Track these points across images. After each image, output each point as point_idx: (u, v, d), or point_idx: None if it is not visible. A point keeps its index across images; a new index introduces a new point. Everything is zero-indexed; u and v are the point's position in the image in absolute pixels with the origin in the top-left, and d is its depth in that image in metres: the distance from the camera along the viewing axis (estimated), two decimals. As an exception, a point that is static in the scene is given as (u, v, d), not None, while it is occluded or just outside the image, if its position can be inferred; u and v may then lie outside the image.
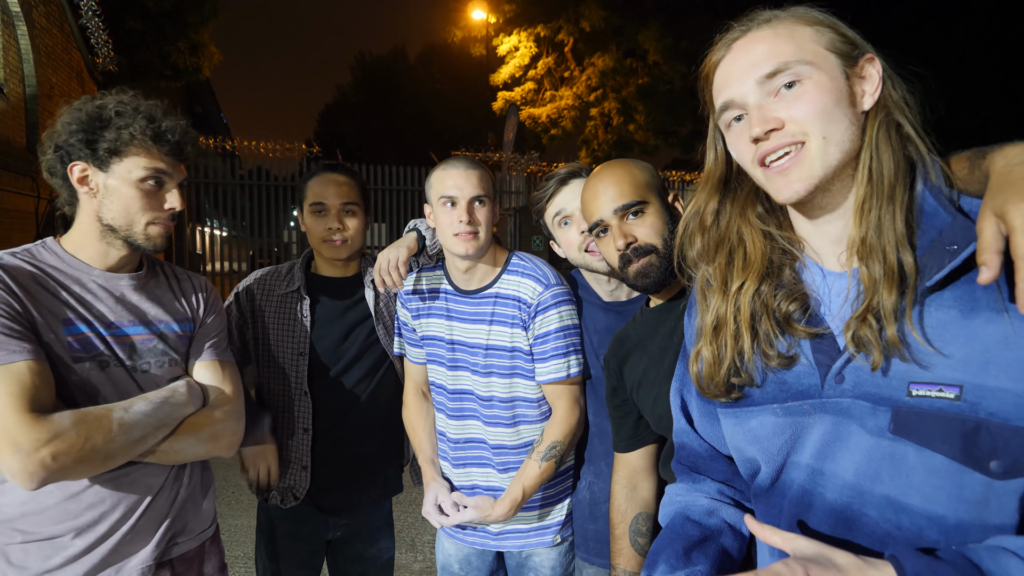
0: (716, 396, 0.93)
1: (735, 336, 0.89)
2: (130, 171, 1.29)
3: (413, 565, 3.39)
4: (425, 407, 1.88)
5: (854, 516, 0.78)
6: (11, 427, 1.11)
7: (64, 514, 1.26)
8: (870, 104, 0.82)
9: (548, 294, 1.64)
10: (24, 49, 8.88)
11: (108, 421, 1.19)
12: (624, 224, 1.36)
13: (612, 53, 17.08)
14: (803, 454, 0.84)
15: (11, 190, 8.30)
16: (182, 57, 13.67)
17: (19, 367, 1.14)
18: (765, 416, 0.88)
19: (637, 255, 1.34)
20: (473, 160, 1.66)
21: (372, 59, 30.68)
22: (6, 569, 1.26)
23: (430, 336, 1.77)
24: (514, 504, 1.62)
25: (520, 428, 1.70)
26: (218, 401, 1.42)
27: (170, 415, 1.31)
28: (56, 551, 1.26)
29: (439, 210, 1.64)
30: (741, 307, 0.89)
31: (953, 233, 0.72)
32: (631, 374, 1.45)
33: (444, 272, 1.78)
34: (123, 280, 1.37)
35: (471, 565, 1.80)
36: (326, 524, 1.90)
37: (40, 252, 1.32)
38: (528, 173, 12.29)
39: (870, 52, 0.82)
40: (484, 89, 18.62)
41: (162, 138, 1.29)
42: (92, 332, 1.28)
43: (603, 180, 1.39)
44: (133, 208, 1.30)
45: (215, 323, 1.53)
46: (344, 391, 1.87)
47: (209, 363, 1.46)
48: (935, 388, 0.71)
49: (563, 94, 17.74)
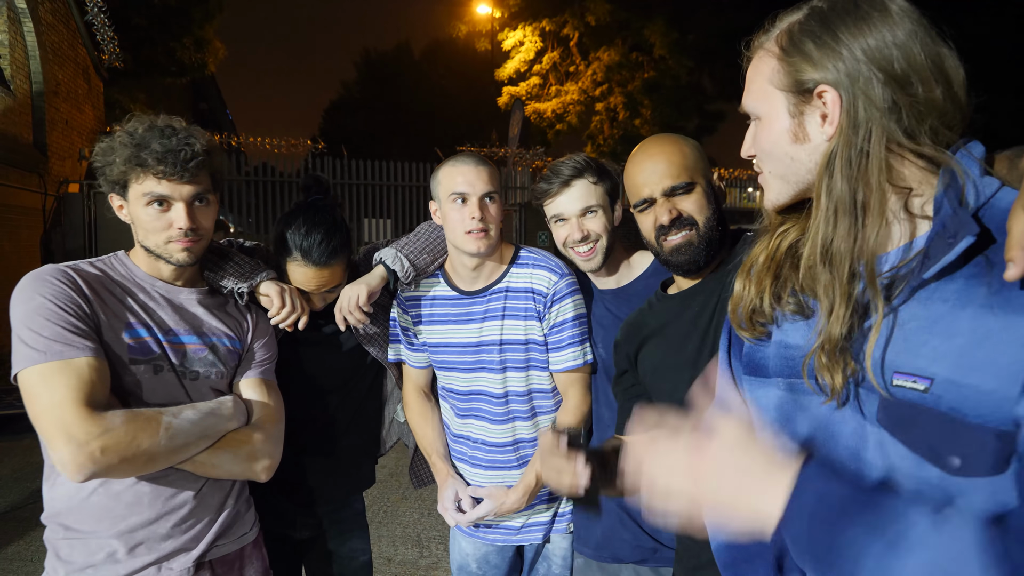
0: (741, 327, 0.95)
1: (761, 275, 0.92)
2: (136, 197, 1.36)
3: (420, 561, 3.39)
4: (429, 406, 1.87)
5: None
6: (68, 418, 1.16)
7: (105, 512, 1.31)
8: (830, 132, 0.80)
9: (563, 283, 1.65)
10: (31, 46, 8.91)
11: (157, 424, 1.24)
12: (670, 200, 1.37)
13: (618, 47, 17.01)
14: (796, 433, 0.84)
15: (19, 187, 8.33)
16: (187, 53, 13.71)
17: (80, 363, 1.21)
18: (769, 388, 0.89)
19: (677, 226, 1.35)
20: (481, 156, 1.65)
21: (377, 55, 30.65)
22: (55, 563, 1.34)
23: (437, 343, 1.75)
24: (527, 490, 1.62)
25: (539, 419, 1.71)
26: (260, 422, 1.47)
27: (214, 427, 1.35)
28: (99, 548, 1.31)
29: (448, 207, 1.61)
30: (779, 249, 0.91)
31: (954, 225, 0.71)
32: (647, 360, 1.45)
33: (443, 277, 1.76)
34: (183, 293, 1.46)
35: (489, 563, 1.80)
36: (295, 523, 1.83)
37: (112, 263, 1.43)
38: (533, 168, 12.25)
39: (823, 86, 0.79)
40: (489, 84, 18.58)
41: (145, 163, 1.31)
42: (150, 336, 1.36)
43: (654, 157, 1.39)
44: (149, 230, 1.36)
45: (265, 345, 1.58)
46: (321, 390, 1.81)
47: (256, 381, 1.52)
48: (911, 379, 0.71)
49: (568, 89, 17.68)
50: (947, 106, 0.76)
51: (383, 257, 1.70)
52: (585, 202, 1.62)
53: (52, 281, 1.26)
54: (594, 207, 1.62)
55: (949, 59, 0.77)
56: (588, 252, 1.63)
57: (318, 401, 1.79)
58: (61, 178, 9.30)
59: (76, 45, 10.43)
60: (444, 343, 1.74)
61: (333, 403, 1.81)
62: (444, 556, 3.40)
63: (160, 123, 1.37)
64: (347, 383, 1.84)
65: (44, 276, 1.27)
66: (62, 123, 9.85)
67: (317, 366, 1.78)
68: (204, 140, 1.38)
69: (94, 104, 11.34)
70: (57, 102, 9.64)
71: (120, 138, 1.35)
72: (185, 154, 1.33)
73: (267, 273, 1.59)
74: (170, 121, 1.39)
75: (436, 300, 1.75)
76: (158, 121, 1.38)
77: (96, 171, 1.40)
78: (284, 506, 1.79)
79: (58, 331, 1.21)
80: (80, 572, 1.31)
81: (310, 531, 1.87)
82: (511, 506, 1.63)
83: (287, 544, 1.85)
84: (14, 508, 4.04)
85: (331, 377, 1.81)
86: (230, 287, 1.53)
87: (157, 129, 1.35)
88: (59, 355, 1.19)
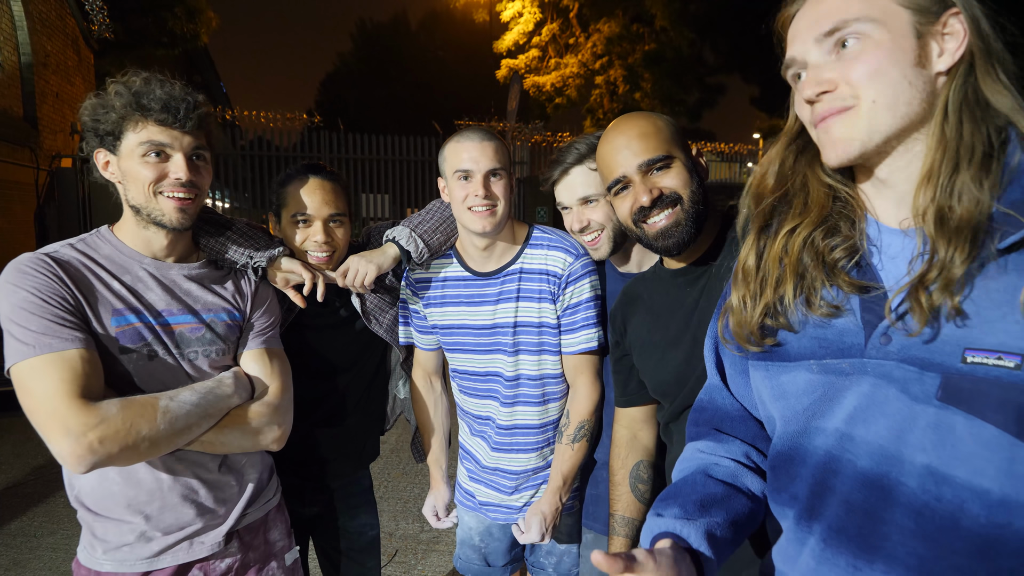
0: (748, 341, 0.90)
1: (778, 280, 0.87)
2: (131, 148, 1.30)
3: (420, 536, 3.41)
4: (433, 398, 1.86)
5: (890, 485, 0.74)
6: (62, 411, 1.14)
7: (128, 500, 1.31)
8: (947, 64, 0.76)
9: (579, 264, 1.61)
10: (17, 16, 8.70)
11: (153, 409, 1.22)
12: (648, 178, 1.26)
13: (618, 19, 16.71)
14: (832, 418, 0.80)
15: (10, 161, 8.22)
16: (179, 23, 13.42)
17: (71, 355, 1.18)
18: (799, 372, 0.85)
19: (660, 205, 1.24)
20: (488, 131, 1.59)
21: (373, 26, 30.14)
22: (91, 539, 1.35)
23: (450, 325, 1.72)
24: (557, 492, 1.61)
25: (549, 406, 1.68)
26: (264, 394, 1.43)
27: (215, 405, 1.32)
28: (130, 531, 1.33)
29: (454, 184, 1.57)
30: (791, 250, 0.86)
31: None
32: (636, 332, 1.41)
33: (456, 257, 1.72)
34: (174, 269, 1.40)
35: (492, 536, 1.81)
36: (304, 500, 1.84)
37: (95, 242, 1.36)
38: (532, 143, 12.12)
39: (956, 6, 0.76)
40: (487, 57, 18.29)
41: (148, 108, 1.27)
42: (141, 322, 1.31)
43: (625, 133, 1.28)
44: (141, 182, 1.30)
45: (267, 311, 1.53)
46: (334, 370, 1.80)
47: (258, 352, 1.47)
48: (993, 355, 0.68)
49: (568, 61, 17.41)
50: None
51: (396, 236, 1.65)
52: (584, 191, 1.57)
53: (32, 272, 1.22)
54: (594, 196, 1.56)
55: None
56: (592, 242, 1.60)
57: (330, 381, 1.78)
58: (53, 152, 9.18)
59: (64, 15, 10.20)
60: (457, 325, 1.70)
61: (344, 382, 1.80)
62: (444, 531, 3.43)
63: (159, 77, 1.33)
64: (357, 363, 1.82)
65: (23, 267, 1.23)
66: (52, 96, 9.68)
67: (331, 347, 1.77)
68: (203, 100, 1.35)
69: (84, 76, 11.13)
70: (47, 74, 9.46)
71: (115, 88, 1.30)
72: (188, 104, 1.30)
73: (283, 248, 1.57)
74: (167, 78, 1.34)
75: (448, 281, 1.71)
76: (155, 76, 1.33)
77: (84, 129, 1.33)
78: (294, 482, 1.79)
79: (45, 324, 1.18)
80: (116, 550, 1.33)
81: (319, 507, 1.88)
82: (548, 515, 1.60)
83: (296, 520, 1.85)
84: (16, 484, 4.06)
85: (343, 357, 1.79)
86: (243, 260, 1.48)
87: (156, 80, 1.31)
88: (49, 348, 1.17)
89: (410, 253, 1.63)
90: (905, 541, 0.73)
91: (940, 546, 0.71)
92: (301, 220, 1.61)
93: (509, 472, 1.72)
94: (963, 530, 0.69)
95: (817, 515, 0.81)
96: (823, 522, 0.80)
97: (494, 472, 1.74)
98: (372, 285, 1.64)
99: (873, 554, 0.75)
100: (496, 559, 1.82)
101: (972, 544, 0.69)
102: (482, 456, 1.77)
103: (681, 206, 1.24)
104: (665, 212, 1.24)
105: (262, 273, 1.53)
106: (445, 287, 1.71)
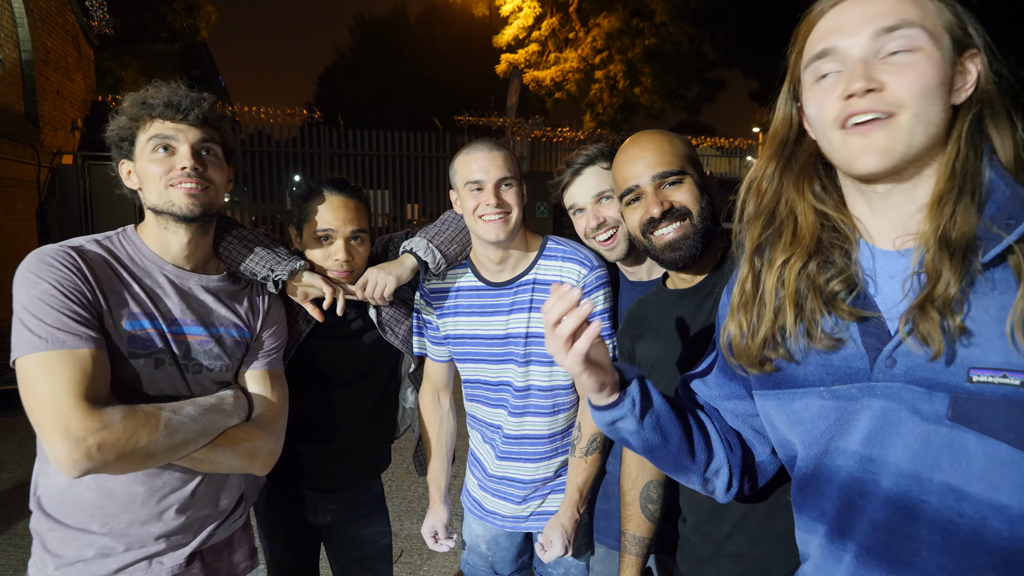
0: (748, 367, 0.92)
1: (776, 312, 0.88)
2: (142, 147, 1.34)
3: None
4: (439, 416, 1.88)
5: (913, 504, 0.76)
6: (66, 412, 1.12)
7: (97, 510, 1.27)
8: (962, 98, 0.78)
9: (593, 276, 1.63)
10: (18, 13, 8.66)
11: (156, 421, 1.19)
12: (660, 191, 1.31)
13: (618, 13, 16.62)
14: (850, 440, 0.82)
15: (11, 159, 8.20)
16: (178, 18, 13.35)
17: (83, 354, 1.16)
18: (810, 399, 0.86)
19: (669, 218, 1.29)
20: (496, 142, 1.63)
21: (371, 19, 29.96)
22: (43, 555, 1.29)
23: (462, 335, 1.74)
24: (574, 505, 1.63)
25: (558, 416, 1.70)
26: (261, 417, 1.43)
27: (215, 424, 1.31)
28: (89, 544, 1.28)
29: (466, 196, 1.60)
30: (787, 282, 0.87)
31: (1012, 207, 0.70)
32: (645, 355, 1.44)
33: (470, 267, 1.74)
34: (192, 279, 1.40)
35: (499, 544, 1.82)
36: (316, 509, 1.84)
37: (119, 241, 1.37)
38: (532, 138, 12.11)
39: (975, 47, 0.78)
40: (487, 51, 18.19)
41: (153, 106, 1.32)
42: (154, 328, 1.30)
43: (641, 146, 1.35)
44: (152, 177, 1.32)
45: (276, 332, 1.54)
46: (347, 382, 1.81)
47: (261, 373, 1.47)
48: (998, 374, 0.69)
49: (568, 56, 17.33)
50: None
51: (414, 247, 1.66)
52: (598, 187, 1.60)
53: (56, 265, 1.21)
54: (608, 192, 1.59)
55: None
56: (609, 240, 1.61)
57: (344, 391, 1.80)
58: (54, 149, 9.16)
59: (65, 12, 10.15)
60: (469, 335, 1.73)
61: (358, 392, 1.82)
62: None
63: (167, 82, 1.37)
64: (370, 373, 1.84)
65: (48, 258, 1.22)
66: (53, 93, 9.64)
67: (345, 358, 1.79)
68: (210, 97, 1.39)
69: (85, 73, 11.09)
70: (47, 71, 9.42)
71: (128, 99, 1.35)
72: (192, 99, 1.34)
73: (304, 263, 1.58)
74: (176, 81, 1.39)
75: (462, 291, 1.74)
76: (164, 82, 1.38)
77: (109, 145, 1.38)
78: (305, 493, 1.81)
79: (61, 319, 1.16)
80: (70, 566, 1.28)
81: (332, 516, 1.88)
82: (567, 528, 1.62)
83: (308, 530, 1.87)
84: (23, 484, 4.08)
85: (357, 368, 1.81)
86: (264, 272, 1.49)
87: (164, 84, 1.36)
88: (61, 344, 1.15)
89: (428, 264, 1.65)
90: (935, 556, 0.75)
91: (967, 560, 0.73)
92: (323, 237, 1.63)
93: (518, 481, 1.74)
94: (987, 544, 0.71)
95: (849, 533, 0.83)
96: (855, 540, 0.82)
97: (500, 481, 1.76)
98: (392, 297, 1.67)
99: (905, 569, 0.76)
100: (503, 567, 1.84)
101: (997, 558, 0.71)
102: (488, 464, 1.79)
103: (690, 220, 1.29)
104: (674, 225, 1.29)
105: (281, 287, 1.54)
106: (458, 297, 1.74)
